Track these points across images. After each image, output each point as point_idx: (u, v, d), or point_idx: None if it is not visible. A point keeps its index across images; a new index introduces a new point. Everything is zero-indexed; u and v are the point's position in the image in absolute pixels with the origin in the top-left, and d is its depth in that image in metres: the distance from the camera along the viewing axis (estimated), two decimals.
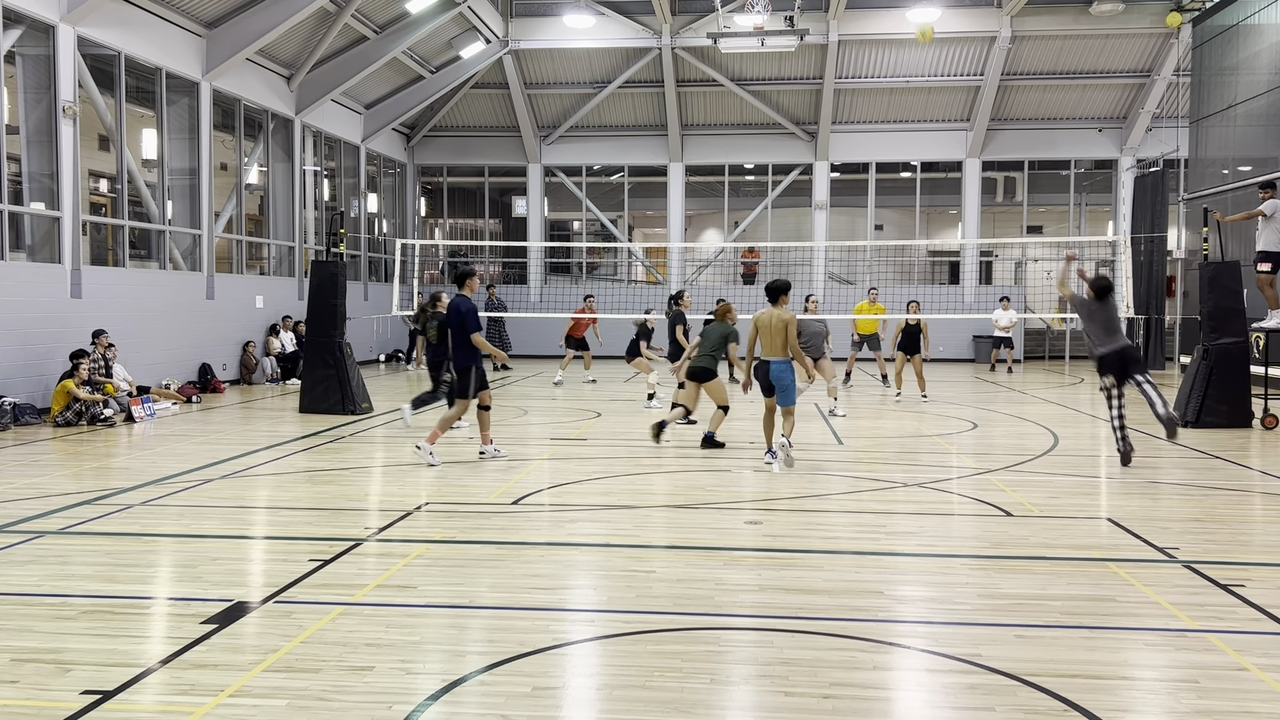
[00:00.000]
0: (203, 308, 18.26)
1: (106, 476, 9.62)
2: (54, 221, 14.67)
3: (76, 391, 13.21)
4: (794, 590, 5.90)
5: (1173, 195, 24.09)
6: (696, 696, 4.35)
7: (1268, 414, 13.16)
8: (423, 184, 30.30)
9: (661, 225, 30.36)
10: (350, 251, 23.79)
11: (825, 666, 4.68)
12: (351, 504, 8.39)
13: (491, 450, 10.66)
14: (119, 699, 4.29)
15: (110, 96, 16.19)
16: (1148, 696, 4.42)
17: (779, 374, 9.67)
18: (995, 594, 5.85)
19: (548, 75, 27.18)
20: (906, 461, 10.68)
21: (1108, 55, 25.56)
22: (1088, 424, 13.98)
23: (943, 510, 8.26)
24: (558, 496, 8.73)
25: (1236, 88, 19.98)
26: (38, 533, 7.26)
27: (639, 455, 11.09)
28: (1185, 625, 5.31)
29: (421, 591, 5.85)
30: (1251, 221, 13.78)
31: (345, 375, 14.44)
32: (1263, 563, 6.65)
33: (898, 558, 6.70)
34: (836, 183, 28.54)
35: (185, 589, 5.98)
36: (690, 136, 28.27)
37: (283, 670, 4.61)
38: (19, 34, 14.12)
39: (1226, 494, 8.94)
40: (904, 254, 29.53)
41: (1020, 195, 29.13)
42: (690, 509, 8.20)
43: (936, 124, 27.56)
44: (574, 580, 6.21)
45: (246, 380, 19.57)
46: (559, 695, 4.39)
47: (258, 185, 21.45)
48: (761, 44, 22.28)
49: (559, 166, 28.98)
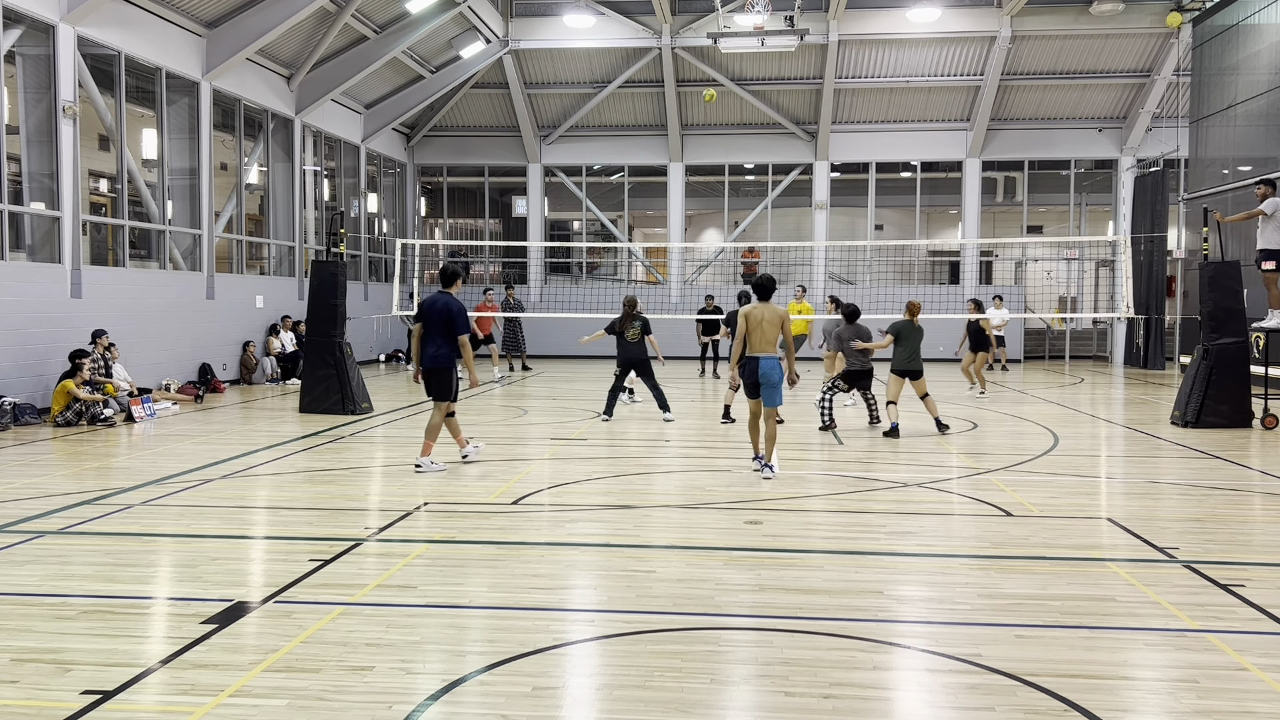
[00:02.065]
0: (203, 308, 18.26)
1: (106, 476, 9.62)
2: (54, 221, 14.67)
3: (77, 391, 13.21)
4: (794, 590, 5.90)
5: (1173, 195, 24.11)
6: (696, 696, 4.35)
7: (1268, 414, 13.17)
8: (423, 184, 30.29)
9: (661, 225, 30.36)
10: (350, 251, 23.80)
11: (825, 666, 4.68)
12: (351, 504, 8.39)
13: (471, 450, 10.40)
14: (119, 699, 4.29)
15: (110, 96, 16.19)
16: (1148, 696, 4.42)
17: (768, 370, 9.62)
18: (995, 594, 5.85)
19: (548, 75, 27.17)
20: (906, 461, 10.68)
21: (1108, 55, 25.56)
22: (1087, 424, 13.99)
23: (943, 510, 8.26)
24: (558, 496, 8.73)
25: (1236, 87, 19.98)
26: (38, 533, 7.26)
27: (639, 455, 11.10)
28: (1185, 625, 5.31)
29: (421, 591, 5.85)
30: (1252, 221, 13.78)
31: (345, 375, 14.45)
32: (1263, 563, 6.65)
33: (898, 558, 6.70)
34: (836, 183, 28.53)
35: (185, 589, 5.98)
36: (690, 136, 28.26)
37: (283, 670, 4.61)
38: (19, 34, 14.12)
39: (1226, 494, 8.95)
40: (904, 254, 29.53)
41: (1020, 195, 29.12)
42: (690, 509, 8.20)
43: (936, 124, 27.55)
44: (574, 580, 6.21)
45: (246, 380, 19.57)
46: (559, 695, 4.39)
47: (258, 185, 21.45)
48: (761, 44, 22.29)
49: (559, 166, 28.97)
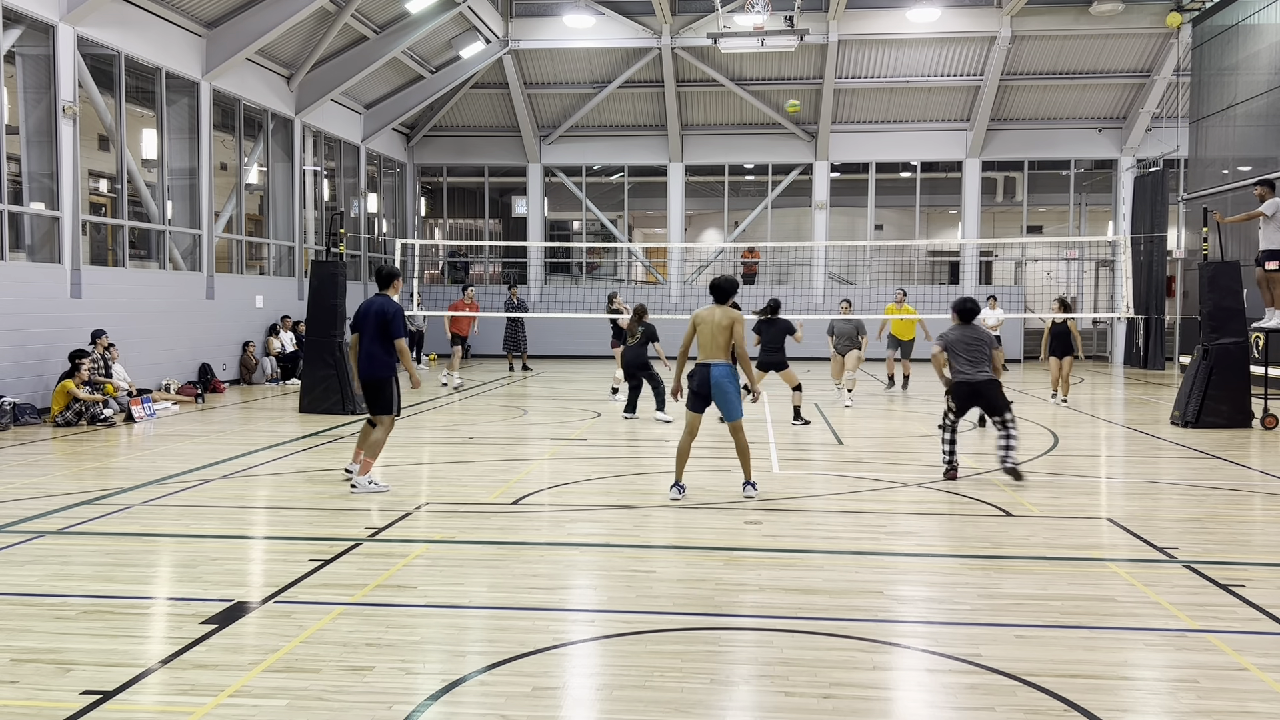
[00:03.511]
0: (202, 308, 18.25)
1: (106, 476, 9.62)
2: (54, 221, 14.67)
3: (76, 391, 13.21)
4: (794, 590, 5.90)
5: (1172, 195, 24.11)
6: (696, 696, 4.35)
7: (1268, 414, 13.17)
8: (423, 184, 30.29)
9: (661, 225, 30.35)
10: (350, 251, 23.78)
11: (825, 666, 4.68)
12: (351, 504, 8.39)
13: (366, 482, 8.65)
14: (119, 699, 4.29)
15: (110, 96, 16.19)
16: (1148, 696, 4.42)
17: (720, 378, 8.33)
18: (995, 594, 5.85)
19: (548, 75, 27.17)
20: (906, 461, 10.68)
21: (1107, 55, 25.55)
22: (1087, 424, 13.99)
23: (943, 510, 8.26)
24: (558, 496, 8.73)
25: (1236, 88, 19.97)
26: (38, 533, 7.26)
27: (639, 455, 11.10)
28: (1185, 625, 5.31)
29: (421, 591, 5.85)
30: (1252, 221, 13.78)
31: (345, 375, 14.44)
32: (1263, 563, 6.65)
33: (898, 558, 6.70)
34: (836, 183, 28.53)
35: (185, 589, 5.97)
36: (690, 136, 28.26)
37: (283, 670, 4.61)
38: (19, 34, 14.11)
39: (1226, 494, 8.95)
40: (904, 254, 29.52)
41: (1020, 195, 29.11)
42: (690, 509, 8.20)
43: (936, 124, 27.55)
44: (574, 580, 6.21)
45: (246, 380, 19.56)
46: (559, 695, 4.39)
47: (258, 185, 21.44)
48: (761, 44, 22.28)
49: (559, 166, 28.97)
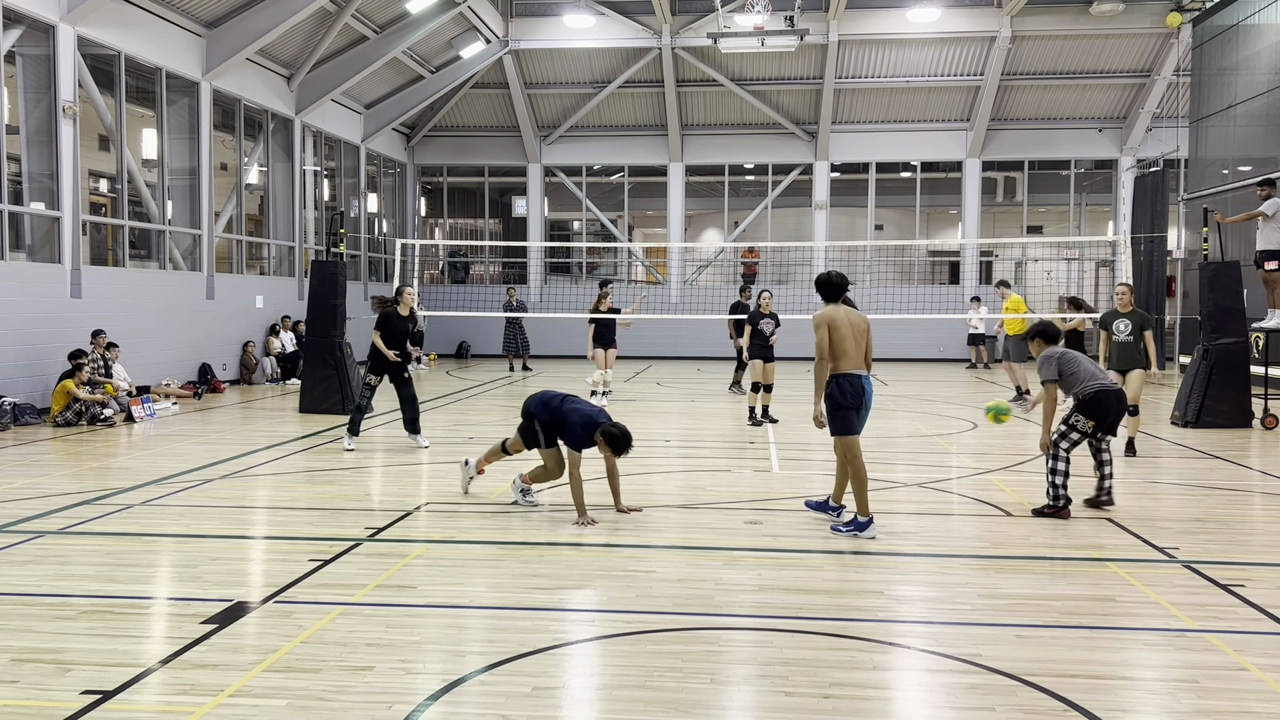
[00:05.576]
0: (203, 308, 18.25)
1: (106, 476, 9.62)
2: (54, 221, 14.67)
3: (76, 391, 13.21)
4: (794, 590, 5.89)
5: (1173, 195, 24.09)
6: (696, 696, 4.35)
7: (1268, 414, 13.16)
8: (423, 184, 30.28)
9: (661, 225, 30.34)
10: (350, 251, 23.79)
11: (825, 666, 4.68)
12: (351, 504, 8.39)
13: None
14: (119, 699, 4.29)
15: (110, 96, 16.19)
16: (1148, 696, 4.42)
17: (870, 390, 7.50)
18: (995, 594, 5.85)
19: (548, 75, 27.16)
20: (906, 461, 10.68)
21: (1108, 55, 25.55)
22: None
23: (943, 510, 8.26)
24: (558, 496, 8.72)
25: (1236, 88, 19.96)
26: (38, 533, 7.26)
27: (639, 455, 11.08)
28: (1185, 625, 5.31)
29: (421, 591, 5.85)
30: (1252, 221, 13.77)
31: (345, 375, 14.46)
32: (1263, 563, 6.65)
33: (898, 558, 6.70)
34: (836, 183, 28.52)
35: (185, 589, 5.97)
36: (690, 136, 28.25)
37: (283, 670, 4.61)
38: (19, 34, 14.12)
39: (1226, 494, 8.94)
40: (904, 254, 29.50)
41: (1020, 195, 29.10)
42: (690, 509, 8.20)
43: (936, 124, 27.55)
44: (574, 580, 6.21)
45: (246, 380, 19.56)
46: (559, 695, 4.39)
47: (258, 185, 21.44)
48: (761, 44, 22.29)
49: (559, 166, 28.96)
